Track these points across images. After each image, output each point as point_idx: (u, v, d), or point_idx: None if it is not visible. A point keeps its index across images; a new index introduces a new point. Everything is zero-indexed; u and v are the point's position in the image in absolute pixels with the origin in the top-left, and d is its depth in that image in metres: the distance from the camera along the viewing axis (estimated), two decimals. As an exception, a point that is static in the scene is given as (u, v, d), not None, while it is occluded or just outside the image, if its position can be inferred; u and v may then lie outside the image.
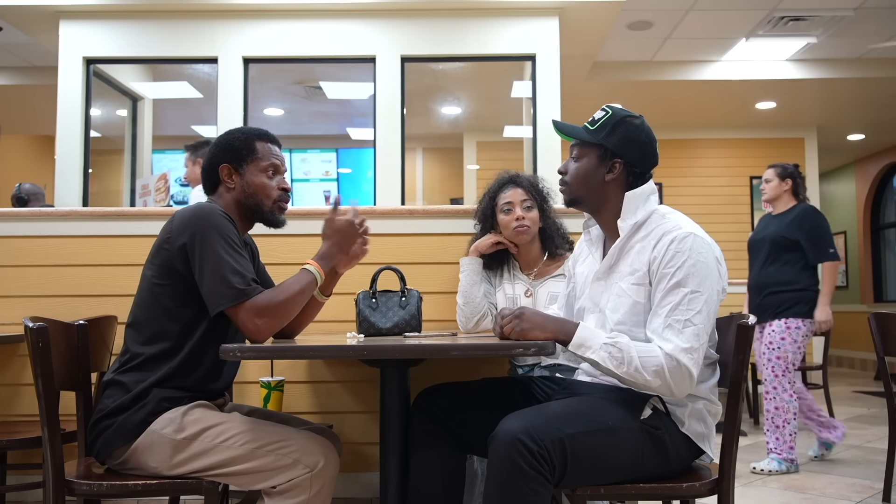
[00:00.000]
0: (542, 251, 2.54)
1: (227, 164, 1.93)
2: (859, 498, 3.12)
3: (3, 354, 2.73)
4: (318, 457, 1.73)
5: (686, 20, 5.51)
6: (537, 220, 2.49)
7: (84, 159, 4.62)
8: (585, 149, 1.83)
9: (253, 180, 1.92)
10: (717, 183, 8.10)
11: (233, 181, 1.93)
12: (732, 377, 1.72)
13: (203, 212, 1.79)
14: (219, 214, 1.80)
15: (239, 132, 1.97)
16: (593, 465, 1.60)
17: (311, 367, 2.76)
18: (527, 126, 5.00)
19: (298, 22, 4.69)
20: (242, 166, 1.92)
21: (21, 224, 2.81)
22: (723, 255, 1.76)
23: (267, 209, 1.93)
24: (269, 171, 1.94)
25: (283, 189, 1.96)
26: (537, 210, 2.49)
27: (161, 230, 1.85)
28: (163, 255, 1.80)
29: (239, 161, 1.92)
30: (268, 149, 1.96)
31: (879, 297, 9.42)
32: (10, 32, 5.23)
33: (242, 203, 1.93)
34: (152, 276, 1.82)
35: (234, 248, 1.76)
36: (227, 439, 1.73)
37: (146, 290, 1.83)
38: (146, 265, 1.85)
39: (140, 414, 1.74)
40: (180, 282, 1.78)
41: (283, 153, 2.01)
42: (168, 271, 1.79)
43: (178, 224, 1.79)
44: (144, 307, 1.82)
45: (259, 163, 1.93)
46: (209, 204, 1.86)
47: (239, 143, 1.94)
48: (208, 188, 1.98)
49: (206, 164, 1.96)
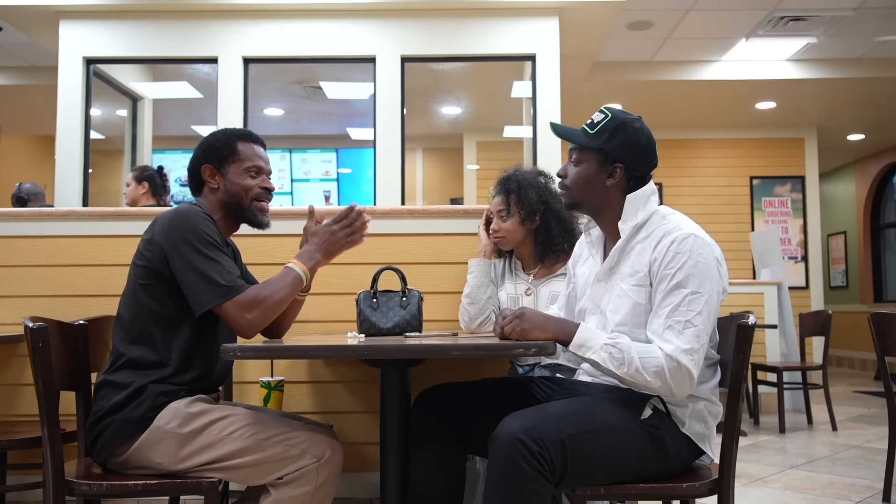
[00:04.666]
0: (534, 254, 2.52)
1: (209, 165, 1.94)
2: (859, 498, 3.12)
3: (3, 354, 2.73)
4: (325, 447, 1.75)
5: (686, 20, 5.51)
6: (514, 229, 2.46)
7: (84, 159, 4.62)
8: (585, 153, 1.82)
9: (235, 181, 1.94)
10: (717, 183, 8.11)
11: (216, 181, 1.94)
12: (733, 377, 1.72)
13: (183, 213, 1.81)
14: (199, 215, 1.82)
15: (221, 133, 1.99)
16: (593, 465, 1.60)
17: (311, 367, 2.76)
18: (527, 126, 5.00)
19: (298, 22, 4.69)
20: (224, 167, 1.94)
21: (21, 224, 2.81)
22: (723, 256, 1.76)
23: (247, 209, 1.95)
24: (252, 171, 1.95)
25: (265, 188, 1.96)
26: (517, 218, 2.45)
27: (145, 231, 1.87)
28: (145, 255, 1.82)
29: (220, 161, 1.94)
30: (250, 149, 1.97)
31: (879, 297, 9.43)
32: (10, 32, 5.23)
33: (226, 203, 1.95)
34: (136, 275, 1.84)
35: (216, 248, 1.78)
36: (233, 431, 1.74)
37: (131, 289, 1.85)
38: (131, 265, 1.87)
39: (139, 410, 1.74)
40: (162, 282, 1.80)
41: (267, 154, 2.01)
42: (150, 272, 1.80)
43: (160, 226, 1.81)
44: (129, 306, 1.84)
45: (241, 163, 1.94)
46: (190, 206, 1.88)
47: (220, 144, 1.95)
48: (194, 189, 2.00)
49: (190, 166, 1.98)
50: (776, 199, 8.09)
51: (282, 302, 1.81)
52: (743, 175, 8.12)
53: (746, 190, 8.12)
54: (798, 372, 5.27)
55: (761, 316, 5.59)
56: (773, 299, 5.67)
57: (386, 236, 2.78)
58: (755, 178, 8.12)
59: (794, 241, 8.04)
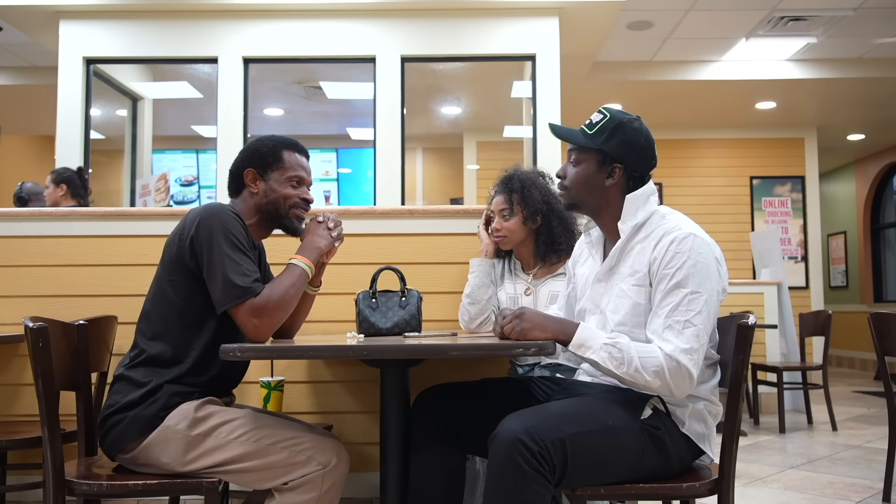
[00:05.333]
0: (535, 254, 2.52)
1: (252, 169, 1.95)
2: (859, 498, 3.12)
3: (3, 354, 2.73)
4: (331, 455, 1.75)
5: (686, 20, 5.51)
6: (516, 229, 2.46)
7: (84, 159, 4.62)
8: (584, 154, 1.82)
9: (276, 188, 1.95)
10: (717, 183, 8.11)
11: (256, 186, 1.95)
12: (732, 377, 1.72)
13: (213, 211, 1.82)
14: (228, 214, 1.82)
15: (269, 139, 2.00)
16: (593, 465, 1.61)
17: (311, 367, 2.76)
18: (527, 126, 5.00)
19: (298, 22, 4.69)
20: (267, 173, 1.95)
21: (21, 224, 2.81)
22: (723, 256, 1.76)
23: (284, 216, 1.96)
24: (294, 181, 1.96)
25: (304, 199, 1.98)
26: (519, 217, 2.45)
27: (174, 227, 1.88)
28: (174, 250, 1.83)
29: (264, 168, 1.95)
30: (295, 159, 1.98)
31: (879, 297, 9.43)
32: (10, 32, 5.23)
33: (263, 208, 1.95)
34: (164, 270, 1.86)
35: (240, 248, 1.78)
36: (240, 435, 1.74)
37: (157, 283, 1.87)
38: (160, 262, 1.89)
39: (152, 409, 1.75)
40: (190, 277, 1.80)
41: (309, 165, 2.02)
42: (178, 267, 1.82)
43: (190, 220, 1.82)
44: (155, 300, 1.86)
45: (284, 172, 1.95)
46: (220, 203, 1.88)
47: (266, 150, 1.96)
48: (232, 191, 2.01)
49: (232, 168, 2.00)
50: (776, 199, 8.09)
51: (289, 301, 1.80)
52: (743, 175, 8.12)
53: (746, 190, 8.12)
54: (798, 372, 5.27)
55: (761, 316, 5.59)
56: (773, 299, 5.67)
57: (386, 236, 2.78)
58: (755, 178, 8.12)
59: (794, 241, 8.04)
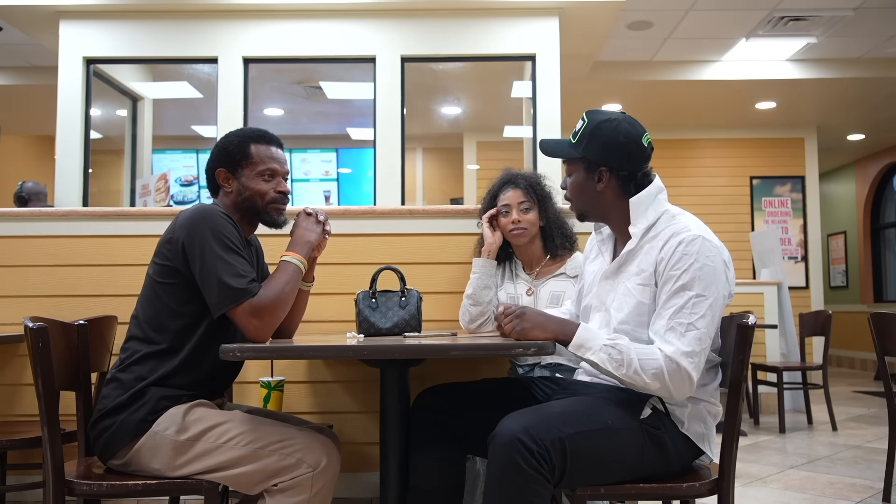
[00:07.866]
0: (544, 251, 2.53)
1: (222, 169, 1.92)
2: (859, 498, 3.12)
3: (3, 354, 2.73)
4: (321, 456, 1.74)
5: (686, 20, 5.50)
6: (535, 222, 2.48)
7: (84, 159, 4.62)
8: (573, 164, 1.84)
9: (249, 185, 1.91)
10: (717, 183, 8.10)
11: (230, 185, 1.92)
12: (732, 377, 1.72)
13: (203, 213, 1.80)
14: (219, 215, 1.80)
15: (234, 136, 1.95)
16: (593, 464, 1.60)
17: (311, 367, 2.76)
18: (527, 126, 5.00)
19: (298, 22, 4.69)
20: (238, 171, 1.91)
21: (21, 224, 2.81)
22: (731, 259, 1.74)
23: (262, 211, 1.93)
24: (266, 175, 1.92)
25: (280, 192, 1.93)
26: (536, 211, 2.48)
27: (165, 229, 1.86)
28: (165, 253, 1.81)
29: (234, 166, 1.91)
30: (264, 150, 1.93)
31: (879, 297, 9.43)
32: (10, 32, 5.23)
33: (241, 206, 1.93)
34: (154, 274, 1.83)
35: (233, 249, 1.76)
36: (230, 439, 1.73)
37: (149, 287, 1.85)
38: (150, 263, 1.86)
39: (140, 413, 1.74)
40: (181, 281, 1.79)
41: (283, 153, 1.97)
42: (169, 270, 1.80)
43: (180, 224, 1.80)
44: (147, 304, 1.84)
45: (255, 167, 1.91)
46: (210, 205, 1.86)
47: (233, 147, 1.92)
48: (211, 191, 1.99)
49: (206, 168, 1.97)
50: (776, 199, 8.09)
51: (286, 299, 1.79)
52: (743, 175, 8.12)
53: (746, 190, 8.12)
54: (798, 372, 5.27)
55: (761, 316, 5.59)
56: (773, 299, 5.67)
57: (385, 236, 2.78)
58: (755, 178, 8.12)
59: (794, 241, 8.04)
